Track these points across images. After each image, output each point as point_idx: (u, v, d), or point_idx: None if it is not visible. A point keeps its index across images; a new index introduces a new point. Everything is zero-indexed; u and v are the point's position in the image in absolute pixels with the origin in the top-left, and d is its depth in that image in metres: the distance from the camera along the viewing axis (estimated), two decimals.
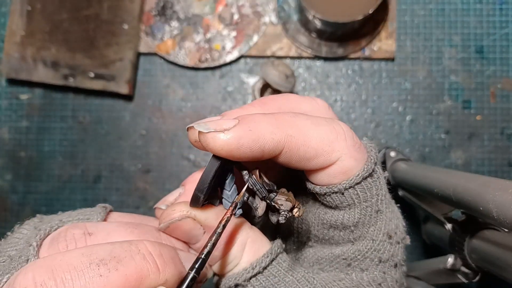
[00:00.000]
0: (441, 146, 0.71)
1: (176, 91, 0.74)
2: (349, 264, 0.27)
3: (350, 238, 0.27)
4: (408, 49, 0.72)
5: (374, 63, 0.72)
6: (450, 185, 0.41)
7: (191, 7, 0.74)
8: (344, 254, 0.27)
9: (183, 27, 0.73)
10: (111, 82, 0.71)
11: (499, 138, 0.70)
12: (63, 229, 0.24)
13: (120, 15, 0.72)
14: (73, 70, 0.71)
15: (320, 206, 0.28)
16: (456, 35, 0.72)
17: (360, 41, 0.71)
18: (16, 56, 0.72)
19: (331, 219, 0.27)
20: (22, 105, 0.75)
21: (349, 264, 0.27)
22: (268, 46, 0.72)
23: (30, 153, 0.74)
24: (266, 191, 0.24)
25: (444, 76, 0.72)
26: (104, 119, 0.74)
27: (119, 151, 0.74)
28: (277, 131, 0.23)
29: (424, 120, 0.71)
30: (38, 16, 0.72)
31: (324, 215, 0.27)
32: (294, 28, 0.72)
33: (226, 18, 0.73)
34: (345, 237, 0.27)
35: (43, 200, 0.74)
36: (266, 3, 0.73)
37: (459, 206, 0.41)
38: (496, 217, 0.33)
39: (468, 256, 0.46)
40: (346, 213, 0.26)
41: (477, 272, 0.47)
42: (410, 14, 0.73)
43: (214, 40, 0.73)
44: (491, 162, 0.70)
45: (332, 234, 0.27)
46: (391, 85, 0.72)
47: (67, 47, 0.72)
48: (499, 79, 0.71)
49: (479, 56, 0.71)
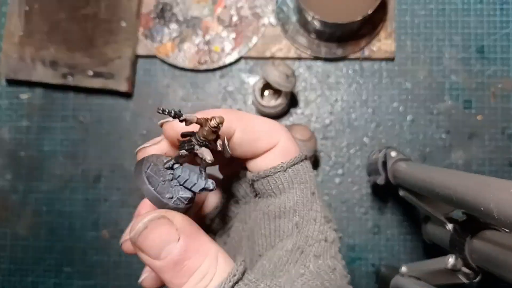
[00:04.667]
0: (442, 146, 0.71)
1: (176, 91, 0.74)
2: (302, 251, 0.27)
3: (294, 222, 0.28)
4: (408, 49, 0.72)
5: (375, 63, 0.72)
6: (451, 185, 0.40)
7: (190, 10, 0.74)
8: (296, 244, 0.27)
9: (182, 30, 0.73)
10: (110, 80, 0.71)
11: (500, 138, 0.70)
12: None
13: (118, 13, 0.72)
14: (72, 69, 0.72)
15: (261, 201, 0.29)
16: (456, 35, 0.72)
17: (359, 42, 0.71)
18: (14, 57, 0.72)
19: (274, 208, 0.28)
20: (22, 104, 0.75)
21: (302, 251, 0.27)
22: (267, 48, 0.72)
23: (30, 153, 0.75)
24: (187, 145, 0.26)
25: (444, 76, 0.71)
26: (105, 118, 0.74)
27: (120, 151, 0.74)
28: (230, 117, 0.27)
29: (424, 120, 0.71)
30: (36, 16, 0.72)
31: (267, 207, 0.28)
32: (293, 29, 0.72)
33: (225, 20, 0.73)
34: (290, 224, 0.28)
35: (43, 199, 0.74)
36: (265, 5, 0.73)
37: (460, 206, 0.41)
38: (497, 217, 0.33)
39: (468, 256, 0.46)
40: (285, 196, 0.28)
41: (478, 272, 0.47)
42: (411, 14, 0.73)
43: (213, 42, 0.73)
44: (491, 162, 0.70)
45: (278, 223, 0.28)
46: (391, 85, 0.72)
47: (65, 46, 0.72)
48: (499, 79, 0.71)
49: (479, 56, 0.71)
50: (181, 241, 0.23)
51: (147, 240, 0.23)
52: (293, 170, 0.27)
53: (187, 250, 0.23)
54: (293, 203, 0.27)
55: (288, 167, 0.27)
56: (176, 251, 0.23)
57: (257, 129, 0.27)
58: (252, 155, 0.28)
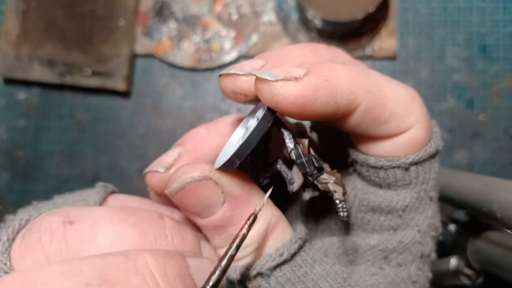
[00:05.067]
0: (444, 146, 0.70)
1: (175, 90, 0.74)
2: (385, 257, 0.23)
3: (392, 225, 0.23)
4: (410, 48, 0.71)
5: (376, 62, 0.72)
6: (453, 186, 0.40)
7: (189, 7, 0.73)
8: (382, 244, 0.23)
9: (181, 28, 0.73)
10: (108, 78, 0.71)
11: (503, 138, 0.69)
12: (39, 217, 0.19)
13: (116, 11, 0.71)
14: (70, 68, 0.71)
15: (359, 184, 0.23)
16: (459, 34, 0.71)
17: (360, 40, 0.70)
18: (11, 55, 0.72)
19: (375, 201, 0.22)
20: (19, 104, 0.74)
21: (385, 256, 0.23)
22: (267, 46, 0.72)
23: (27, 153, 0.74)
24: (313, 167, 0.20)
25: (447, 75, 0.71)
26: (102, 118, 0.74)
27: (118, 151, 0.73)
28: (356, 84, 0.19)
29: None
30: (34, 14, 0.72)
31: (365, 195, 0.23)
32: (293, 27, 0.71)
33: (225, 18, 0.72)
34: (386, 224, 0.23)
35: (41, 199, 0.73)
36: (265, 3, 0.72)
37: (462, 207, 0.40)
38: (499, 217, 0.32)
39: (471, 257, 0.46)
40: (397, 194, 0.22)
41: (480, 273, 0.47)
42: (413, 12, 0.72)
43: (213, 41, 0.72)
44: (494, 162, 0.69)
45: (370, 219, 0.23)
46: None
47: (63, 44, 0.71)
48: (502, 78, 0.70)
49: (482, 55, 0.70)
50: (225, 205, 0.20)
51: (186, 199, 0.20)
52: (417, 168, 0.22)
53: (231, 216, 0.20)
54: (402, 205, 0.22)
55: (412, 164, 0.21)
56: (219, 215, 0.20)
57: (389, 105, 0.20)
58: (370, 138, 0.21)
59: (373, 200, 0.22)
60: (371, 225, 0.23)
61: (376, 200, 0.22)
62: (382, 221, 0.23)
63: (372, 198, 0.22)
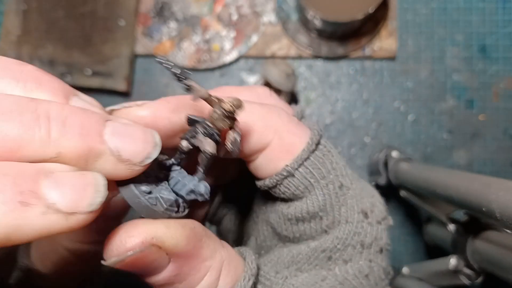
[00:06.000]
0: (444, 146, 0.70)
1: (176, 90, 0.74)
2: (329, 257, 0.23)
3: (323, 226, 0.23)
4: (410, 48, 0.72)
5: (376, 62, 0.72)
6: (453, 186, 0.40)
7: (189, 8, 0.73)
8: (321, 245, 0.23)
9: (181, 28, 0.73)
10: (109, 78, 0.71)
11: (502, 138, 0.69)
12: None
13: (116, 11, 0.72)
14: (70, 68, 0.71)
15: (280, 203, 0.24)
16: (458, 34, 0.71)
17: (360, 40, 0.70)
18: (11, 55, 0.72)
19: (295, 212, 0.23)
20: None
21: (329, 257, 0.23)
22: (267, 46, 0.72)
23: None
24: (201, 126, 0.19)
25: (446, 75, 0.71)
26: None
27: None
28: None
29: (426, 120, 0.71)
30: (34, 14, 0.72)
31: (287, 209, 0.23)
32: (293, 28, 0.71)
33: (225, 19, 0.73)
34: (318, 228, 0.23)
35: None
36: (265, 3, 0.72)
37: (462, 207, 0.40)
38: (499, 217, 0.32)
39: (470, 257, 0.46)
40: (307, 199, 0.22)
41: (480, 273, 0.47)
42: (412, 13, 0.72)
43: (213, 41, 0.72)
44: (493, 162, 0.69)
45: (303, 228, 0.23)
46: (393, 84, 0.71)
47: (63, 45, 0.72)
48: (502, 79, 0.70)
49: (481, 55, 0.71)
50: (171, 265, 0.18)
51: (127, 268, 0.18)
52: (305, 168, 0.22)
53: (178, 274, 0.19)
54: (317, 207, 0.22)
55: (297, 168, 0.22)
56: (165, 275, 0.19)
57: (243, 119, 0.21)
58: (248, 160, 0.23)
59: (294, 212, 0.23)
60: (307, 234, 0.24)
61: (295, 211, 0.23)
62: (313, 227, 0.23)
63: (292, 211, 0.23)
